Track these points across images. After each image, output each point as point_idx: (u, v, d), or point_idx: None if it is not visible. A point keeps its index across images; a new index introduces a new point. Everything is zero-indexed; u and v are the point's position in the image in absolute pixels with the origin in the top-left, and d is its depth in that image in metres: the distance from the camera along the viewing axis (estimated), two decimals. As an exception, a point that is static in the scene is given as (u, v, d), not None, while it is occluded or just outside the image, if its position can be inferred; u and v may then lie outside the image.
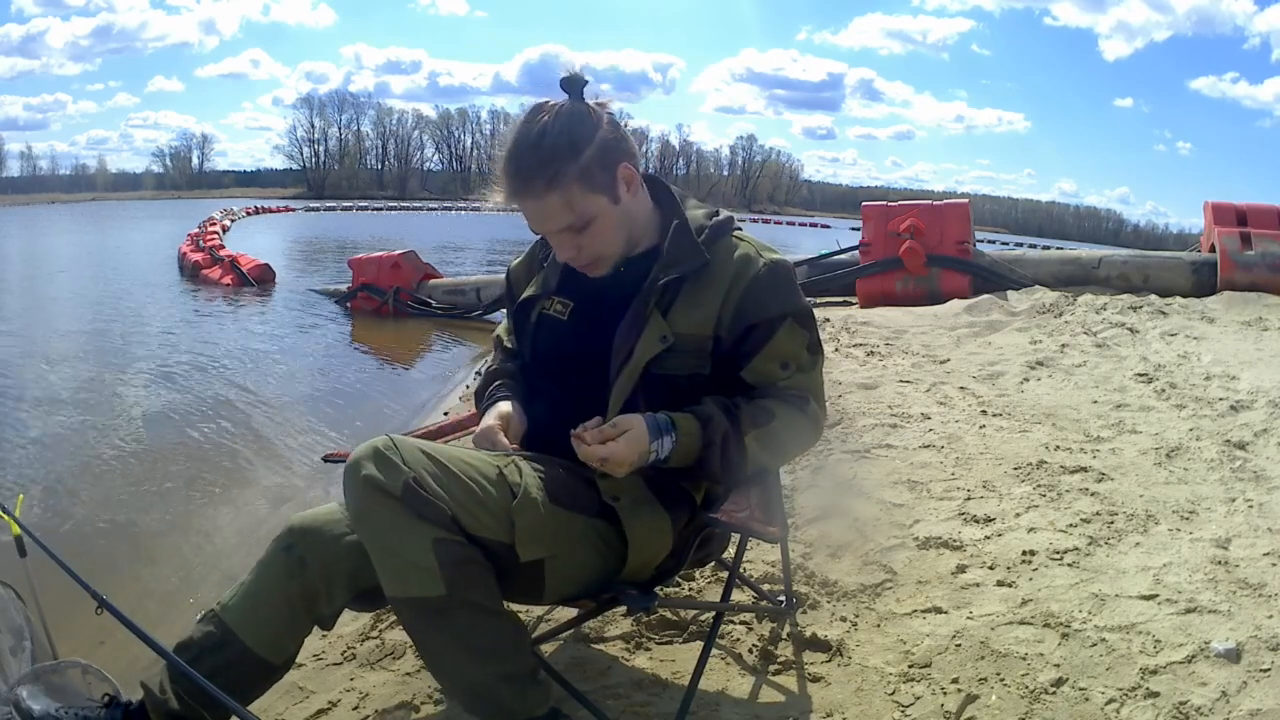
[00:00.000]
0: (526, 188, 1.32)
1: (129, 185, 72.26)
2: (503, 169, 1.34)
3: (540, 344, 1.51)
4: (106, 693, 1.35)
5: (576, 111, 1.33)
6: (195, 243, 13.32)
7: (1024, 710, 1.48)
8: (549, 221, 1.35)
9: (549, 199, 1.31)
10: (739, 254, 1.41)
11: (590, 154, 1.31)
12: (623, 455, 1.27)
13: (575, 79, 1.35)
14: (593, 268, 1.41)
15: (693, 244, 1.40)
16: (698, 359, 1.39)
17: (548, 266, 1.53)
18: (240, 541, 3.01)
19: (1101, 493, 2.40)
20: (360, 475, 1.20)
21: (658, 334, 1.37)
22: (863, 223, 7.14)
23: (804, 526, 2.33)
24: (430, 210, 49.81)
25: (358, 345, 7.30)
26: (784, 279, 1.41)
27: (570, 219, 1.33)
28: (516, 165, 1.32)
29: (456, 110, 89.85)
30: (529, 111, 1.35)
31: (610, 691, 1.62)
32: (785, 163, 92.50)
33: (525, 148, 1.31)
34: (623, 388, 1.37)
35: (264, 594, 1.32)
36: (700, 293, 1.39)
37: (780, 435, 1.38)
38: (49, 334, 7.26)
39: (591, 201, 1.33)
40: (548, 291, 1.51)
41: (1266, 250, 6.06)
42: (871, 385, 3.85)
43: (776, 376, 1.39)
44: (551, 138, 1.30)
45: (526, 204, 1.34)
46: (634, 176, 1.38)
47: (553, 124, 1.31)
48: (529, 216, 1.37)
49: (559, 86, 1.36)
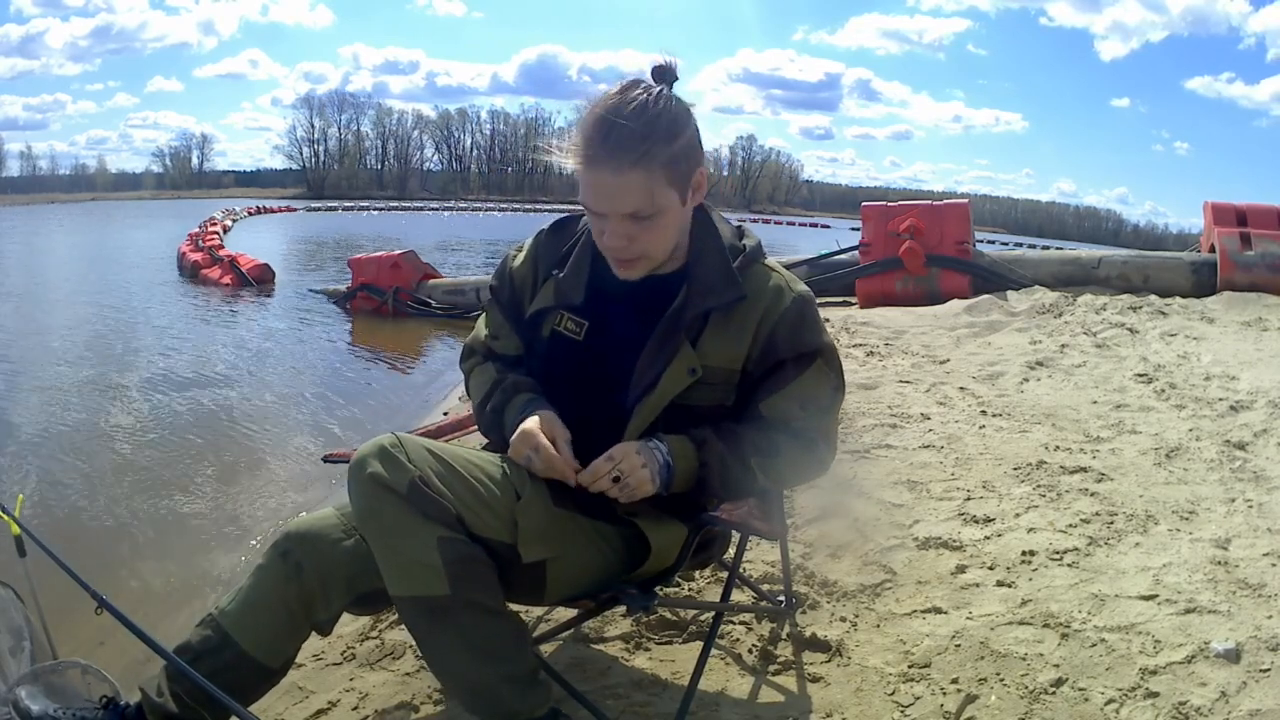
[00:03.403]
0: (613, 157, 1.21)
1: (129, 185, 72.36)
2: (591, 131, 1.23)
3: (553, 363, 1.42)
4: (105, 694, 1.34)
5: (674, 99, 1.26)
6: (195, 242, 13.32)
7: (1024, 710, 1.48)
8: (619, 201, 1.24)
9: (631, 176, 1.22)
10: (771, 284, 1.36)
11: (682, 144, 1.25)
12: (631, 461, 1.26)
13: (669, 69, 1.28)
14: (631, 266, 1.33)
15: (729, 273, 1.34)
16: (724, 391, 1.36)
17: (561, 278, 1.41)
18: (240, 542, 3.01)
19: (1101, 493, 2.40)
20: (366, 473, 1.20)
21: (686, 366, 1.32)
22: (862, 223, 7.14)
23: (804, 526, 2.32)
24: (430, 210, 49.82)
25: (357, 345, 7.29)
26: (813, 314, 1.39)
27: (641, 204, 1.24)
28: (610, 130, 1.21)
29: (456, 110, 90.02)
30: (624, 84, 1.26)
31: (610, 691, 1.62)
32: (785, 163, 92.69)
33: (625, 115, 1.21)
34: (644, 417, 1.33)
35: (261, 599, 1.32)
36: (731, 324, 1.34)
37: (783, 472, 1.39)
38: (48, 334, 7.25)
39: (667, 194, 1.26)
40: (562, 305, 1.41)
41: (1266, 250, 6.06)
42: (871, 385, 3.85)
43: (793, 416, 1.36)
44: (652, 114, 1.22)
45: (602, 175, 1.23)
46: (704, 185, 1.32)
47: (654, 101, 1.23)
48: (597, 190, 1.25)
49: (651, 74, 1.29)
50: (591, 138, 1.23)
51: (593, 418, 1.34)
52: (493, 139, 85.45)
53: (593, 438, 1.31)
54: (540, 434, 1.30)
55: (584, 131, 1.24)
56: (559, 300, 1.41)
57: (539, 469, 1.30)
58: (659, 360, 1.33)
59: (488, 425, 1.45)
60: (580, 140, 1.24)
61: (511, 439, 1.33)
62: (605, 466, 1.27)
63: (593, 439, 1.31)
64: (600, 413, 1.35)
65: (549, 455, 1.29)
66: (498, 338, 1.50)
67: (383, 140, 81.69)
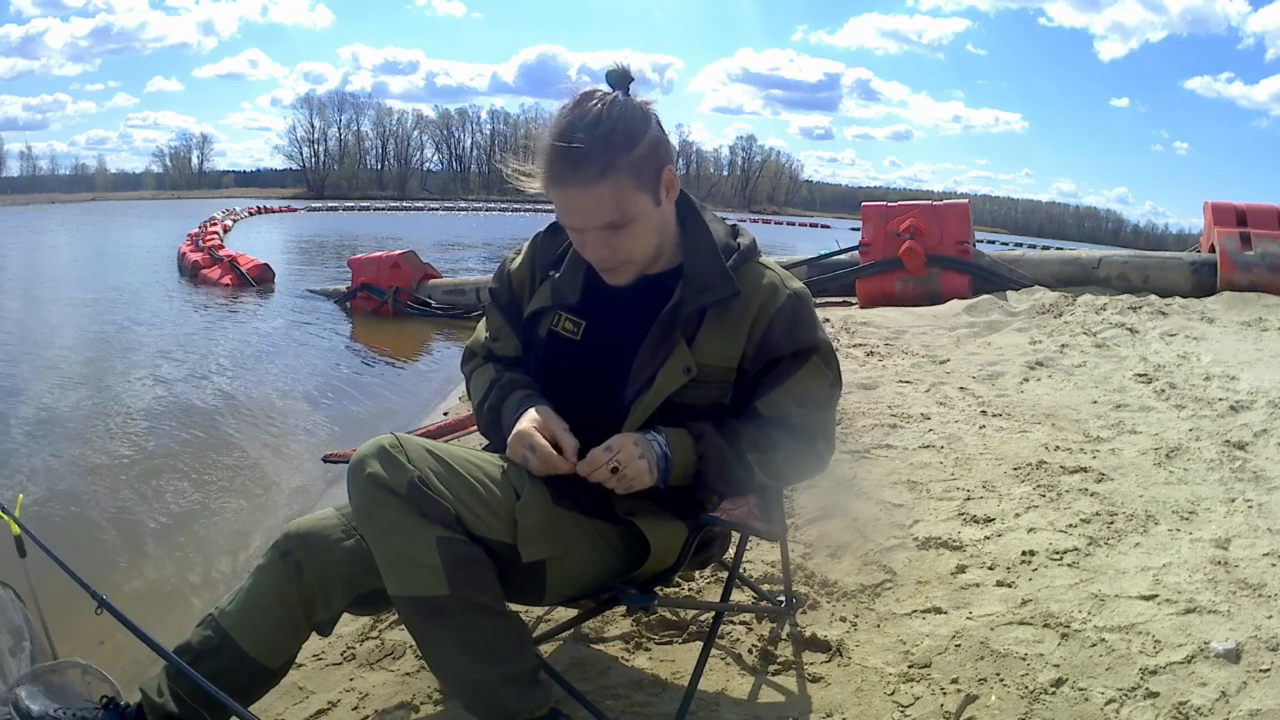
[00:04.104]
0: (576, 174, 1.22)
1: (129, 185, 72.36)
2: (550, 152, 1.24)
3: (550, 363, 1.42)
4: (105, 695, 1.34)
5: (630, 104, 1.26)
6: (195, 243, 13.33)
7: (1024, 710, 1.48)
8: (591, 215, 1.26)
9: (598, 189, 1.23)
10: (766, 282, 1.36)
11: (643, 148, 1.25)
12: (628, 451, 1.27)
13: (622, 72, 1.28)
14: (618, 273, 1.34)
15: (722, 270, 1.34)
16: (720, 389, 1.36)
17: (558, 279, 1.42)
18: (240, 541, 3.01)
19: (1101, 493, 2.40)
20: (365, 473, 1.20)
21: (681, 364, 1.32)
22: (862, 223, 7.14)
23: (804, 526, 2.32)
24: (430, 210, 49.82)
25: (357, 345, 7.29)
26: (808, 311, 1.39)
27: (614, 214, 1.25)
28: (569, 149, 1.21)
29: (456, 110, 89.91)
30: (578, 97, 1.26)
31: (610, 691, 1.62)
32: (785, 163, 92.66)
33: (580, 130, 1.22)
34: (639, 415, 1.33)
35: (261, 600, 1.32)
36: (727, 322, 1.34)
37: (782, 469, 1.39)
38: (48, 334, 7.25)
39: (637, 199, 1.26)
40: (559, 305, 1.41)
41: (1266, 250, 6.06)
42: (871, 385, 3.85)
43: (791, 414, 1.36)
44: (607, 125, 1.22)
45: (570, 192, 1.24)
46: (675, 182, 1.32)
47: (608, 111, 1.23)
48: (568, 207, 1.27)
49: (605, 79, 1.29)
50: (552, 158, 1.24)
51: (590, 416, 1.34)
52: (493, 139, 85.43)
53: (589, 436, 1.31)
54: (536, 433, 1.30)
55: (544, 153, 1.25)
56: (555, 300, 1.42)
57: (536, 468, 1.30)
58: (655, 358, 1.33)
59: (486, 424, 1.46)
60: (543, 162, 1.25)
61: (508, 439, 1.33)
62: (603, 457, 1.27)
63: (589, 437, 1.31)
64: (597, 411, 1.35)
65: (546, 454, 1.29)
66: (497, 339, 1.51)
67: (383, 140, 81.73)
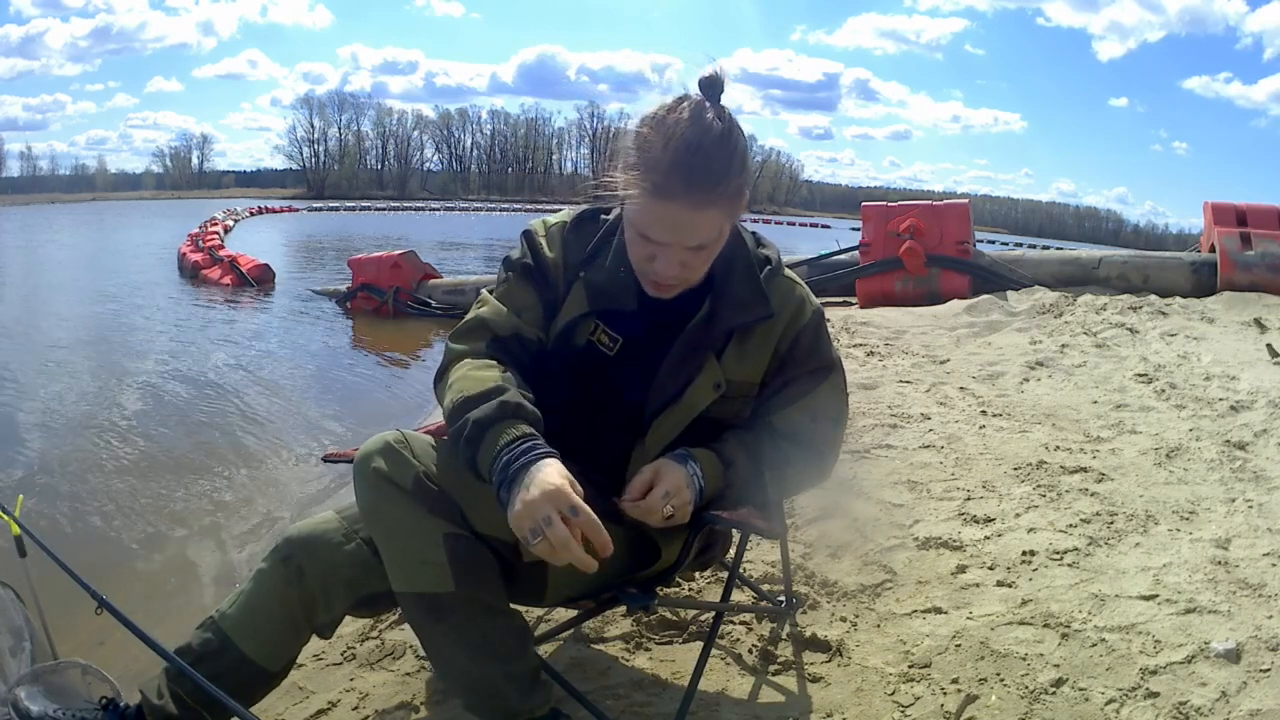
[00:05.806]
0: (692, 193, 1.12)
1: (129, 185, 72.48)
2: (670, 164, 1.12)
3: (578, 374, 1.33)
4: (105, 695, 1.34)
5: (737, 122, 1.16)
6: (195, 243, 13.32)
7: (1024, 710, 1.48)
8: (691, 234, 1.16)
9: (710, 211, 1.14)
10: (795, 296, 1.35)
11: (751, 172, 1.20)
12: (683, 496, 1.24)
13: (718, 81, 1.17)
14: (670, 289, 1.27)
15: (757, 287, 1.31)
16: (743, 404, 1.36)
17: (591, 285, 1.31)
18: (240, 542, 3.01)
19: (1101, 493, 2.40)
20: (371, 468, 1.20)
21: (712, 381, 1.30)
22: (863, 223, 7.14)
23: (804, 526, 2.32)
24: (430, 210, 49.83)
25: (357, 345, 7.29)
26: (825, 328, 1.39)
27: (710, 236, 1.18)
28: (692, 166, 1.11)
29: (456, 110, 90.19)
30: (690, 107, 1.15)
31: (610, 691, 1.62)
32: (785, 163, 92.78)
33: (706, 148, 1.12)
34: (667, 430, 1.31)
35: (262, 603, 1.31)
36: (754, 338, 1.33)
37: (790, 483, 1.40)
38: (49, 334, 7.25)
39: (729, 223, 1.20)
40: (597, 311, 1.32)
41: (1266, 250, 6.07)
42: (871, 385, 3.84)
43: (804, 428, 1.36)
44: (731, 146, 1.13)
45: (676, 209, 1.13)
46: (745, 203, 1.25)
47: (730, 130, 1.14)
48: (670, 223, 1.15)
49: (700, 88, 1.17)
50: (671, 171, 1.13)
51: (603, 424, 1.33)
52: (493, 139, 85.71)
53: (601, 445, 1.31)
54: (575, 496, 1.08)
55: (660, 163, 1.13)
56: (594, 306, 1.31)
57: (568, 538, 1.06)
58: (682, 374, 1.30)
59: (457, 432, 1.20)
60: (658, 173, 1.14)
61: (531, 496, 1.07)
62: (661, 501, 1.22)
63: (601, 446, 1.30)
64: (611, 420, 1.33)
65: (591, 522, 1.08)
66: (521, 314, 1.32)
67: (383, 140, 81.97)
